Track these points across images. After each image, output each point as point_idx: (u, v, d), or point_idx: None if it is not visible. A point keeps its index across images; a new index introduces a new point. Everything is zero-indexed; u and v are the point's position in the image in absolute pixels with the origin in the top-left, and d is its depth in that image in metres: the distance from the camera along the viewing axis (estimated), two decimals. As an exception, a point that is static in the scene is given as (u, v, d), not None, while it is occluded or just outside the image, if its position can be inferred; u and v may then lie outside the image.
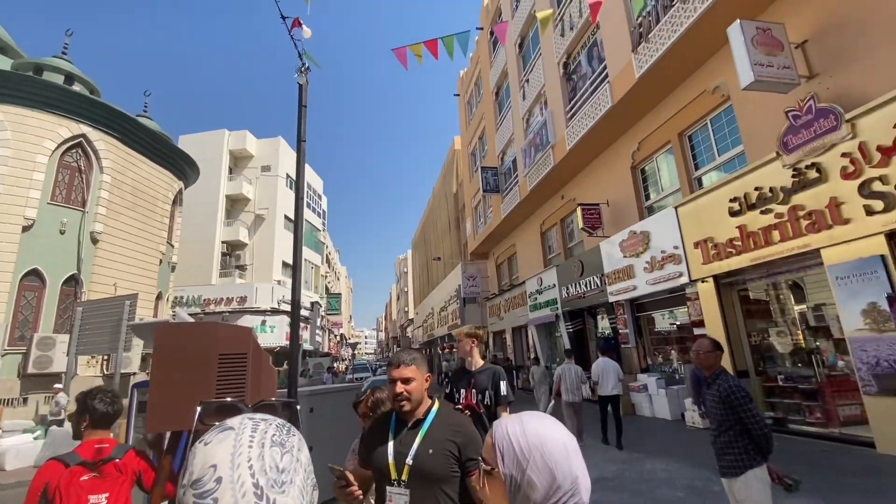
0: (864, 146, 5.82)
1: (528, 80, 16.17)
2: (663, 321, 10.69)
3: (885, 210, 5.59)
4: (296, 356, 2.87)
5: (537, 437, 0.80)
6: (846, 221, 6.04)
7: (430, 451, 1.64)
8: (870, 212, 5.75)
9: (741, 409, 2.78)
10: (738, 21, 6.85)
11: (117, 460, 1.99)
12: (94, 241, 14.58)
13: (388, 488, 1.65)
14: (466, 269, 24.07)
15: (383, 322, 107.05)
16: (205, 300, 25.35)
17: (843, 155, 6.04)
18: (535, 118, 15.87)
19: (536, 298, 15.99)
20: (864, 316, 5.81)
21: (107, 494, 1.92)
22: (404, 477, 1.63)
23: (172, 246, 19.18)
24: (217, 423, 0.73)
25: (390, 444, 1.71)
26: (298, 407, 1.56)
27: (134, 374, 14.75)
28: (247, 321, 24.07)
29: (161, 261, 17.53)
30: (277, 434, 0.71)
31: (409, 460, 1.64)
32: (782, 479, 2.74)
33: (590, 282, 12.45)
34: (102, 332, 8.27)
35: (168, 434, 2.12)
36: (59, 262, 13.65)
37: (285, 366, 21.82)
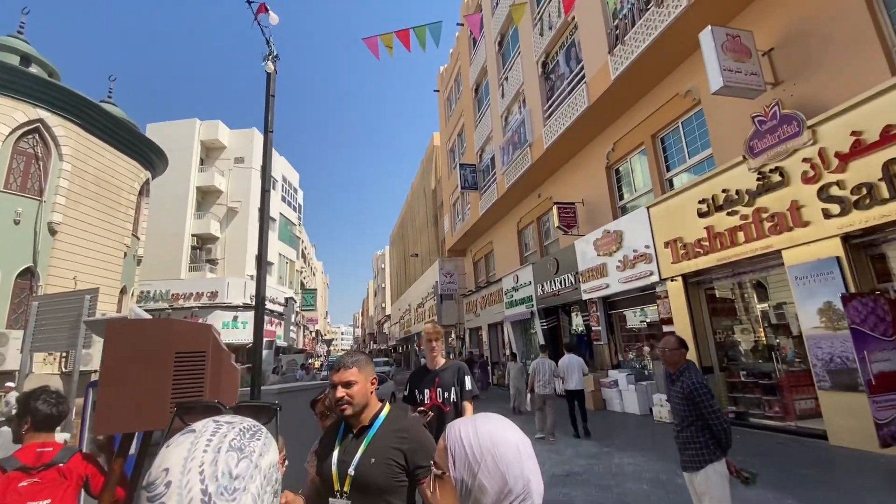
0: (823, 152, 6.07)
1: (507, 79, 16.23)
2: (634, 318, 10.95)
3: (842, 214, 5.85)
4: (260, 352, 2.78)
5: (490, 440, 0.78)
6: (805, 224, 6.30)
7: (373, 460, 1.56)
8: (827, 215, 6.02)
9: (703, 404, 2.85)
10: (710, 27, 7.03)
11: (61, 465, 1.87)
12: (52, 232, 13.87)
13: (330, 499, 1.57)
14: (444, 266, 24.07)
15: (360, 318, 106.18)
16: (173, 295, 24.54)
17: (805, 160, 6.30)
18: (513, 116, 15.95)
19: (512, 295, 16.13)
20: (821, 315, 6.08)
21: (48, 501, 1.81)
22: (346, 488, 1.55)
23: (138, 238, 18.46)
24: (186, 427, 0.71)
25: (335, 453, 1.64)
26: (279, 409, 1.49)
27: (95, 371, 14.14)
28: (218, 317, 23.45)
29: (126, 254, 16.85)
30: (238, 438, 0.69)
31: (351, 470, 1.56)
32: (740, 473, 2.83)
33: (564, 280, 12.63)
34: (60, 328, 7.87)
35: (120, 436, 2.02)
36: (13, 254, 12.93)
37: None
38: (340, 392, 1.62)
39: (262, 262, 2.80)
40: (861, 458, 5.32)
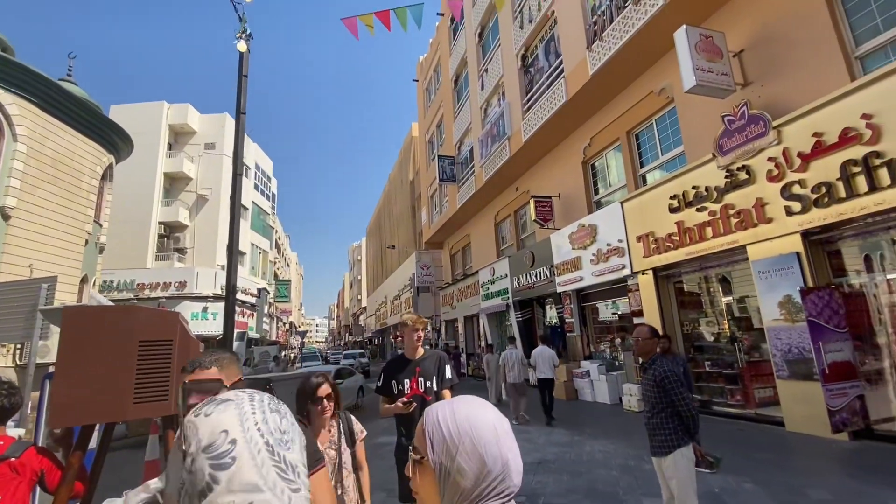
0: (787, 152, 6.32)
1: (486, 70, 16.19)
2: (606, 311, 11.21)
3: (802, 211, 6.12)
4: (231, 344, 2.70)
5: (467, 422, 0.78)
6: (769, 220, 6.56)
7: None
8: (789, 212, 6.28)
9: (673, 392, 2.94)
10: (684, 26, 7.18)
11: (13, 459, 1.77)
12: (6, 217, 13.09)
13: None
14: (421, 258, 24.02)
15: (336, 310, 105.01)
16: (138, 285, 23.63)
17: (770, 159, 6.55)
18: (492, 108, 15.95)
19: (489, 288, 16.25)
20: (781, 307, 6.37)
21: None
22: None
23: (100, 225, 17.63)
24: (208, 399, 0.80)
25: None
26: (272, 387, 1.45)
27: (53, 364, 13.50)
28: (186, 308, 22.72)
29: (87, 241, 16.07)
30: (272, 403, 0.81)
31: None
32: (705, 457, 2.94)
33: (540, 272, 12.80)
34: (15, 319, 7.42)
35: (79, 429, 1.92)
36: (-37, 240, 12.14)
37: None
38: (194, 399, 1.32)
39: (233, 251, 2.71)
40: (815, 443, 5.63)
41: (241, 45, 2.87)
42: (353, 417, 2.51)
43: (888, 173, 5.24)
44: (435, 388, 3.08)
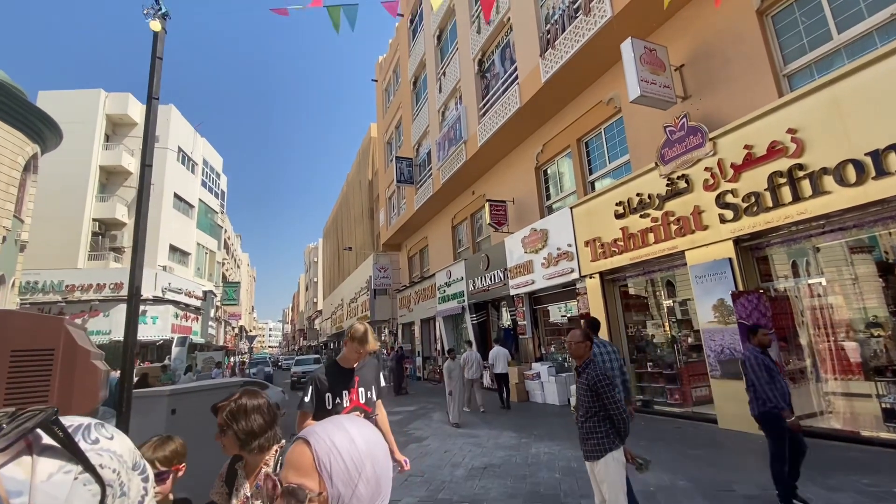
0: (721, 162, 6.66)
1: (444, 74, 16.19)
2: (557, 313, 11.43)
3: (734, 219, 6.47)
4: (131, 354, 2.43)
5: (366, 445, 0.73)
6: (705, 227, 6.89)
7: None
8: (723, 220, 6.62)
9: (605, 395, 2.95)
10: (630, 39, 7.44)
11: None
12: None
13: None
14: (378, 261, 23.64)
15: (290, 314, 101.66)
16: (68, 286, 21.79)
17: (706, 169, 6.88)
18: (450, 112, 15.96)
19: (445, 291, 16.20)
20: (714, 310, 6.69)
21: None
22: None
23: (22, 221, 16.08)
24: None
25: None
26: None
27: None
28: (122, 311, 21.14)
29: (4, 238, 14.59)
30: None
31: None
32: (635, 459, 2.97)
33: (494, 275, 12.89)
34: None
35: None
36: None
37: (167, 360, 19.53)
38: None
39: (137, 248, 2.45)
40: (744, 440, 5.92)
41: (155, 24, 2.62)
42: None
43: (810, 184, 5.62)
44: (374, 399, 2.90)
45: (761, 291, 6.25)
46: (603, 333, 8.71)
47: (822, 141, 5.53)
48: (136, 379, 3.87)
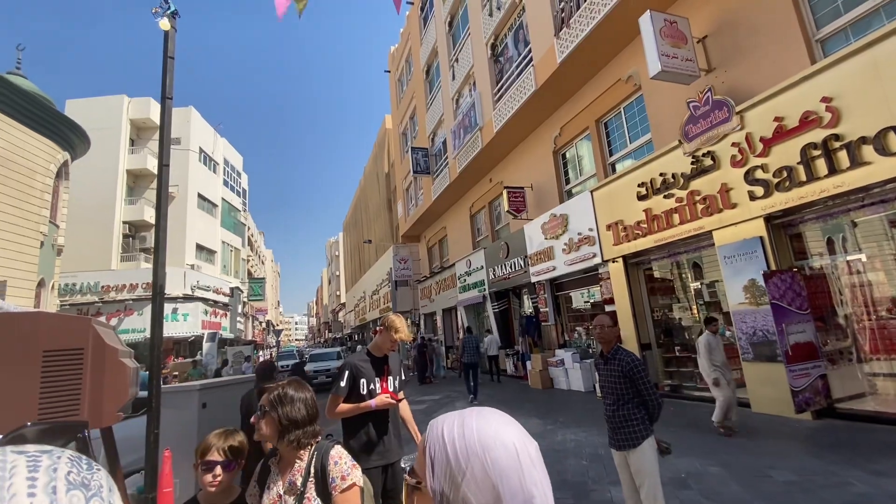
0: (749, 137, 6.35)
1: (457, 60, 15.96)
2: (580, 299, 11.26)
3: (765, 196, 6.18)
4: (159, 349, 2.49)
5: (478, 441, 0.61)
6: (733, 206, 6.61)
7: None
8: (752, 197, 6.33)
9: (640, 380, 2.87)
10: (649, 12, 7.13)
11: None
12: (-51, 219, 12.27)
13: None
14: (398, 252, 23.76)
15: (315, 307, 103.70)
16: (103, 287, 22.70)
17: (733, 144, 6.58)
18: (464, 99, 15.75)
19: (465, 280, 16.17)
20: (745, 291, 6.45)
21: None
22: None
23: (57, 226, 16.78)
24: None
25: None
26: (87, 432, 1.19)
27: None
28: (155, 310, 21.97)
29: (42, 243, 15.27)
30: (75, 472, 0.47)
31: None
32: (660, 444, 2.89)
33: (514, 263, 12.76)
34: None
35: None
36: None
37: (198, 356, 20.17)
38: None
39: (158, 247, 2.49)
40: (779, 424, 5.72)
41: (164, 23, 2.62)
42: (335, 452, 1.62)
43: (847, 156, 5.30)
44: (398, 388, 2.93)
45: (795, 270, 5.97)
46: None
47: (860, 108, 5.19)
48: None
